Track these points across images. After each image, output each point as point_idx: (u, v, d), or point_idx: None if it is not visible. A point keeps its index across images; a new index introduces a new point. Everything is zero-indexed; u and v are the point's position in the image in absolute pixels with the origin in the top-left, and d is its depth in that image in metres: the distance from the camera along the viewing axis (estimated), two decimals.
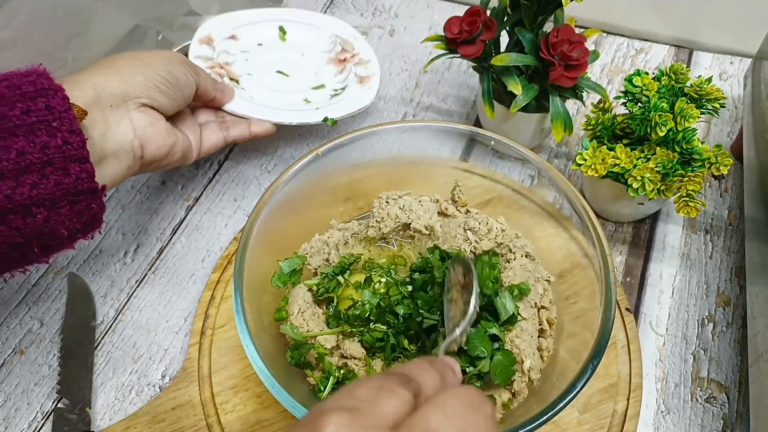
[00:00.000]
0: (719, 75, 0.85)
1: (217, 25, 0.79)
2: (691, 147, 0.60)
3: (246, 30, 0.80)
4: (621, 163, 0.60)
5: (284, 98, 0.75)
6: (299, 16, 0.83)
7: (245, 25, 0.80)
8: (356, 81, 0.77)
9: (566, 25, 0.63)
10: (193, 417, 0.56)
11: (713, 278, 0.66)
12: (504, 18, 0.67)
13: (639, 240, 0.69)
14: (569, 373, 0.48)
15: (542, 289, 0.57)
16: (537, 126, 0.71)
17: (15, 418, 0.58)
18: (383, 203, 0.61)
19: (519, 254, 0.58)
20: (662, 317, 0.64)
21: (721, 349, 0.61)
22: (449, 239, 0.62)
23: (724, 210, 0.72)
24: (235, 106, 0.71)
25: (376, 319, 0.54)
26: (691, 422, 0.57)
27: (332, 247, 0.61)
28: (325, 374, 0.52)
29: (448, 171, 0.65)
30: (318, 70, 0.79)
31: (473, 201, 0.65)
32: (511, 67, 0.65)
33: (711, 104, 0.63)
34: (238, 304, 0.49)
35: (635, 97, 0.63)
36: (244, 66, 0.77)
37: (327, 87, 0.77)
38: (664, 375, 0.60)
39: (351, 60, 0.79)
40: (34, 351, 0.62)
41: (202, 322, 0.62)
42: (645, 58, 0.87)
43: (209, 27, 0.78)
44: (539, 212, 0.61)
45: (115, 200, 0.73)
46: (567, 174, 0.74)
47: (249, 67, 0.77)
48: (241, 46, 0.79)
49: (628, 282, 0.66)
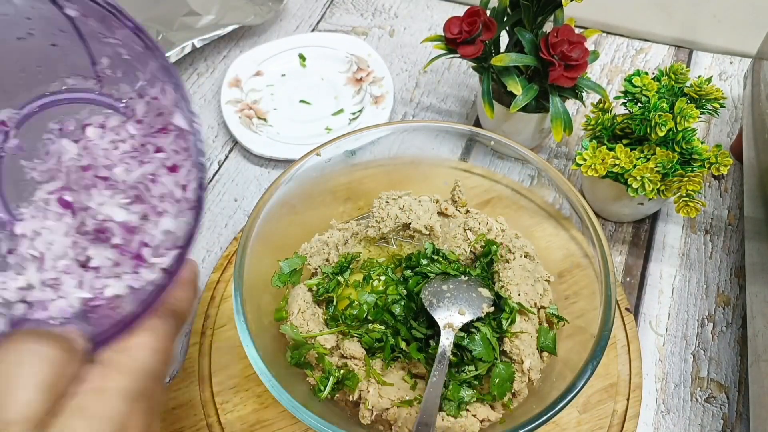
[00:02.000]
0: (719, 75, 0.85)
1: (242, 64, 0.84)
2: (691, 147, 0.60)
3: (269, 64, 0.85)
4: (621, 163, 0.60)
5: (307, 129, 0.79)
6: (316, 40, 0.87)
7: (268, 59, 0.85)
8: (371, 102, 0.80)
9: (566, 25, 0.63)
10: (193, 417, 0.56)
11: (713, 278, 0.66)
12: (504, 18, 0.67)
13: (639, 240, 0.69)
14: (569, 373, 0.48)
15: (542, 289, 0.57)
16: (537, 126, 0.71)
17: None
18: (383, 203, 0.61)
19: (518, 254, 0.58)
20: (662, 317, 0.64)
21: (721, 349, 0.62)
22: (449, 239, 0.62)
23: (723, 210, 0.72)
24: (263, 148, 0.75)
25: (374, 319, 0.54)
26: (690, 422, 0.57)
27: (332, 247, 0.61)
28: (325, 374, 0.52)
29: (447, 171, 0.65)
30: (337, 93, 0.83)
31: (473, 201, 0.65)
32: (511, 67, 0.65)
33: (711, 104, 0.63)
34: (238, 304, 0.49)
35: (635, 97, 0.63)
36: (270, 102, 0.82)
37: (345, 111, 0.81)
38: (664, 375, 0.60)
39: (366, 79, 0.83)
40: None
41: (202, 322, 0.62)
42: (645, 58, 0.87)
43: (236, 68, 0.83)
44: (539, 212, 0.61)
45: None
46: (567, 174, 0.74)
47: (274, 102, 0.82)
48: (266, 81, 0.84)
49: (628, 282, 0.66)
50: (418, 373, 0.53)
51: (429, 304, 0.53)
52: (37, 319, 0.32)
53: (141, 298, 0.31)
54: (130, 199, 0.34)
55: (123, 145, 0.35)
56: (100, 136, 0.36)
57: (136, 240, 0.33)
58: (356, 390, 0.51)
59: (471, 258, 0.61)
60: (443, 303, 0.53)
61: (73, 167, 0.35)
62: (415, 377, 0.53)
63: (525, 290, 0.55)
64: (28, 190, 0.36)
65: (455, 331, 0.51)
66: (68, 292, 0.33)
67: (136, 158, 0.35)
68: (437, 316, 0.52)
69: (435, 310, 0.53)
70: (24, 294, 0.32)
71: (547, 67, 0.63)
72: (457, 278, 0.56)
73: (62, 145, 0.35)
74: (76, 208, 0.34)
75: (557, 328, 0.55)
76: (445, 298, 0.54)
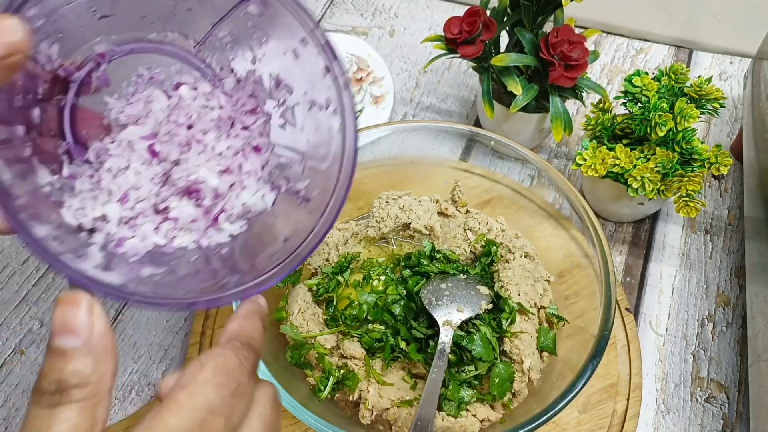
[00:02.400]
0: (719, 75, 0.85)
1: None
2: (691, 147, 0.60)
3: None
4: (621, 163, 0.60)
5: None
6: None
7: None
8: (371, 102, 0.80)
9: (566, 25, 0.63)
10: None
11: (713, 278, 0.66)
12: (504, 18, 0.67)
13: (639, 240, 0.69)
14: (569, 373, 0.48)
15: (542, 289, 0.57)
16: (537, 126, 0.71)
17: (15, 418, 0.58)
18: (383, 203, 0.61)
19: (518, 254, 0.58)
20: (662, 317, 0.64)
21: (721, 349, 0.61)
22: (449, 239, 0.62)
23: (723, 210, 0.72)
24: None
25: (374, 319, 0.54)
26: (691, 422, 0.57)
27: (332, 247, 0.61)
28: (325, 374, 0.52)
29: (447, 171, 0.65)
30: None
31: (473, 201, 0.65)
32: (511, 67, 0.65)
33: (711, 104, 0.63)
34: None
35: (635, 97, 0.63)
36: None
37: None
38: (664, 375, 0.60)
39: (366, 79, 0.82)
40: (34, 351, 0.62)
41: (202, 322, 0.62)
42: (645, 58, 0.87)
43: None
44: (539, 212, 0.61)
45: None
46: (567, 174, 0.74)
47: None
48: None
49: (628, 282, 0.66)
50: (418, 373, 0.53)
51: (428, 303, 0.53)
52: (122, 253, 0.33)
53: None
54: (223, 167, 0.36)
55: (212, 113, 0.37)
56: (193, 97, 0.37)
57: (219, 205, 0.36)
58: (356, 390, 0.51)
59: (471, 258, 0.61)
60: (442, 301, 0.54)
61: (164, 119, 0.36)
62: (415, 377, 0.53)
63: (525, 290, 0.55)
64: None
65: (454, 329, 0.52)
66: (145, 234, 0.35)
67: (225, 130, 0.37)
68: (436, 314, 0.53)
69: (434, 308, 0.53)
70: (98, 225, 0.34)
71: (547, 67, 0.63)
72: (456, 276, 0.56)
73: (153, 94, 0.37)
74: (163, 159, 0.36)
75: (557, 328, 0.55)
76: (444, 296, 0.54)
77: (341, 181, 0.36)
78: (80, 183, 0.34)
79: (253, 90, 0.38)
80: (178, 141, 0.36)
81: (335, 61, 0.35)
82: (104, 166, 0.35)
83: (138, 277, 0.32)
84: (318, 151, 0.38)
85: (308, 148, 0.38)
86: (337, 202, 0.36)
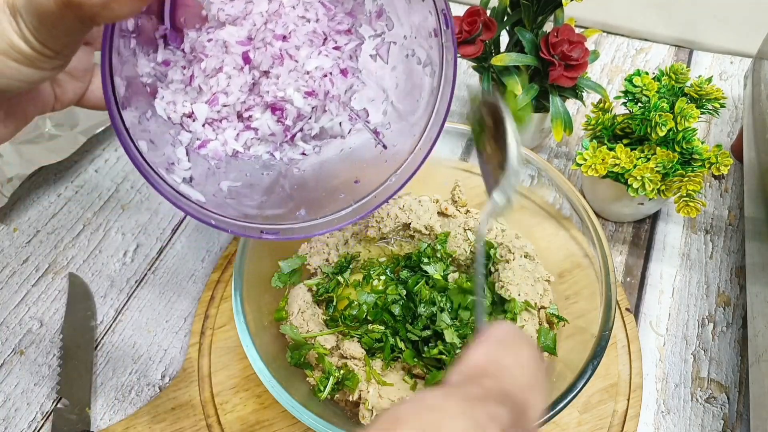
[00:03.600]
0: (719, 75, 0.85)
1: None
2: (691, 147, 0.60)
3: None
4: (621, 163, 0.60)
5: None
6: None
7: None
8: None
9: (566, 25, 0.63)
10: (193, 417, 0.56)
11: (713, 278, 0.66)
12: (504, 18, 0.67)
13: (639, 240, 0.69)
14: (569, 373, 0.48)
15: (542, 289, 0.57)
16: (537, 126, 0.71)
17: (15, 418, 0.58)
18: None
19: (518, 254, 0.58)
20: (662, 317, 0.64)
21: (721, 349, 0.61)
22: (449, 239, 0.62)
23: (724, 210, 0.72)
24: None
25: (374, 319, 0.54)
26: (691, 422, 0.57)
27: (332, 247, 0.61)
28: (325, 374, 0.52)
29: (447, 171, 0.65)
30: None
31: (473, 201, 0.65)
32: (511, 67, 0.65)
33: (711, 104, 0.63)
34: (238, 304, 0.49)
35: (635, 97, 0.63)
36: None
37: None
38: (665, 375, 0.60)
39: None
40: (34, 351, 0.62)
41: (202, 322, 0.62)
42: (645, 58, 0.87)
43: None
44: (539, 212, 0.61)
45: (114, 200, 0.73)
46: (567, 174, 0.74)
47: None
48: None
49: (628, 282, 0.66)
50: (418, 374, 0.53)
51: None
52: (205, 155, 0.34)
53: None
54: (309, 89, 0.36)
55: (308, 26, 0.36)
56: (293, 5, 0.36)
57: (299, 125, 0.37)
58: (356, 390, 0.51)
59: (471, 258, 0.61)
60: None
61: (261, 26, 0.36)
62: (415, 377, 0.53)
63: (525, 290, 0.55)
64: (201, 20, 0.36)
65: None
66: (227, 140, 0.35)
67: (317, 46, 0.37)
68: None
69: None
70: (185, 121, 0.34)
71: (547, 67, 0.63)
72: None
73: None
74: (254, 67, 0.36)
75: (557, 328, 0.55)
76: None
77: (421, 147, 0.35)
78: (173, 72, 0.34)
79: (352, 8, 0.37)
80: (271, 53, 0.35)
81: (447, 31, 0.34)
82: (199, 65, 0.35)
83: (219, 190, 0.33)
84: (404, 101, 0.37)
85: (395, 92, 0.37)
86: (412, 166, 0.35)
